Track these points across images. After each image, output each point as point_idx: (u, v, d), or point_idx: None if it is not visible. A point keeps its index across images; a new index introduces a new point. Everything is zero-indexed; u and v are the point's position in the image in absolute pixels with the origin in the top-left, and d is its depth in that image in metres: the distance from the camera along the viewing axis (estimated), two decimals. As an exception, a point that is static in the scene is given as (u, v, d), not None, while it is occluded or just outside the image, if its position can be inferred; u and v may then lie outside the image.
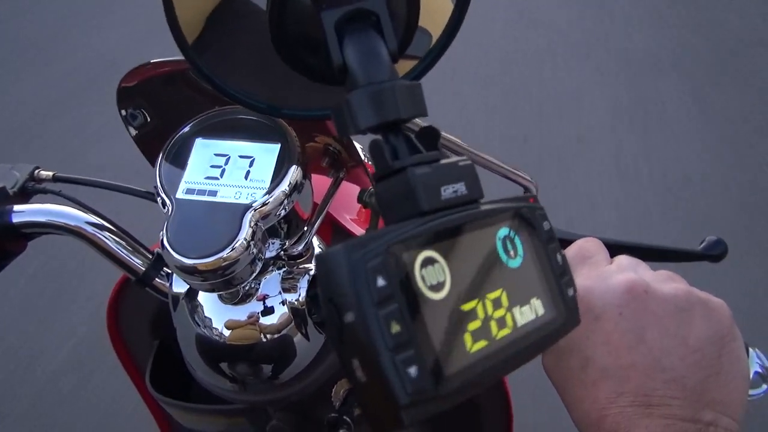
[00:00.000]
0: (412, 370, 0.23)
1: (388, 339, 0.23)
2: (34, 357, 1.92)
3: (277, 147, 0.51)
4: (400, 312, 0.23)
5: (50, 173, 0.58)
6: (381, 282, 0.23)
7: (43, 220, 0.54)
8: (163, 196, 0.49)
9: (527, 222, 0.30)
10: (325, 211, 0.58)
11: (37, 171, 0.57)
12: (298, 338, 0.55)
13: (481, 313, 0.26)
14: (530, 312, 0.28)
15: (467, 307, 0.26)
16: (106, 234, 0.56)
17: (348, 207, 0.72)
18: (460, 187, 0.28)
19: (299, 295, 0.54)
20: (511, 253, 0.29)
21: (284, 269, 0.55)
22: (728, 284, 1.82)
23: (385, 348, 0.23)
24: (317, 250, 0.59)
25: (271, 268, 0.55)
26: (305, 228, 0.57)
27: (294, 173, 0.50)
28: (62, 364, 1.90)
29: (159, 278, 0.57)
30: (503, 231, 0.29)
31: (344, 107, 0.28)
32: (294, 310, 0.54)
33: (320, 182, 0.61)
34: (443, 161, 0.28)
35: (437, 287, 0.25)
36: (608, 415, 0.36)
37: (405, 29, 0.31)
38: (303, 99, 0.36)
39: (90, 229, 0.55)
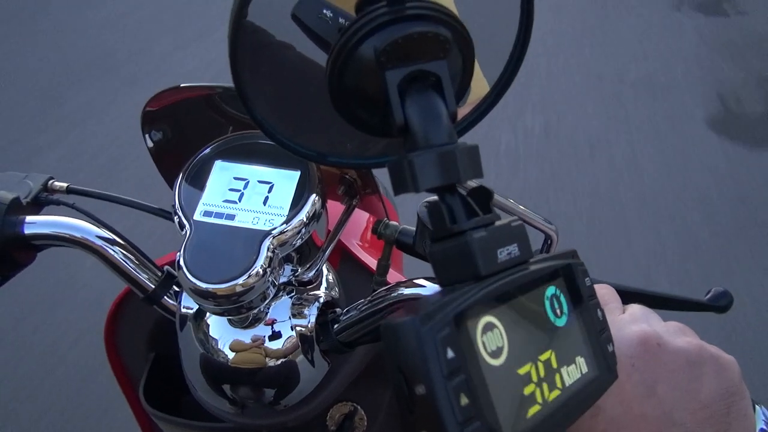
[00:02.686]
0: None
1: (458, 412, 0.23)
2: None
3: (297, 174, 0.52)
4: (467, 384, 0.24)
5: (64, 185, 0.58)
6: (450, 354, 0.24)
7: (54, 233, 0.54)
8: (181, 216, 0.49)
9: (571, 279, 0.31)
10: (336, 239, 0.59)
11: (50, 182, 0.57)
12: (302, 365, 0.55)
13: (534, 377, 0.27)
14: (576, 371, 0.29)
15: (523, 371, 0.26)
16: (117, 249, 0.55)
17: (354, 232, 0.73)
18: (514, 249, 0.28)
19: (308, 322, 0.54)
20: (558, 311, 0.29)
21: (294, 295, 0.55)
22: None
23: (455, 422, 0.23)
24: (326, 276, 0.60)
25: (281, 294, 0.55)
26: (317, 255, 0.57)
27: (313, 202, 0.50)
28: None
29: (167, 296, 0.57)
30: (550, 290, 0.29)
31: (405, 166, 0.28)
32: (302, 336, 0.54)
33: (330, 207, 0.62)
34: (497, 223, 0.29)
35: (497, 353, 0.26)
36: None
37: (458, 89, 0.31)
38: (348, 148, 0.36)
39: (100, 243, 0.55)
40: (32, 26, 4.00)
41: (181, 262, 0.47)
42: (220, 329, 0.54)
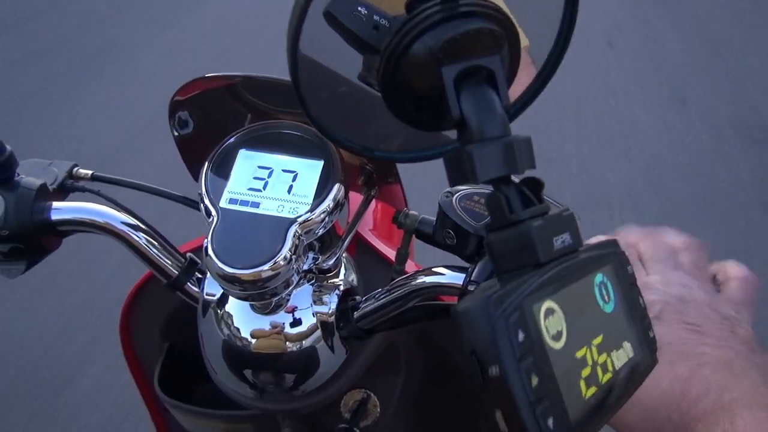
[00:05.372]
0: (550, 422, 0.25)
1: (530, 392, 0.24)
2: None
3: (321, 164, 0.53)
4: (537, 365, 0.25)
5: (88, 172, 0.59)
6: (521, 336, 0.25)
7: (80, 218, 0.55)
8: (208, 204, 0.50)
9: (615, 267, 0.32)
10: (355, 228, 0.60)
11: (75, 169, 0.58)
12: (323, 351, 0.56)
13: (589, 360, 0.28)
14: (624, 355, 0.31)
15: (580, 354, 0.28)
16: (141, 235, 0.56)
17: (367, 222, 0.74)
18: (567, 238, 0.30)
19: (329, 309, 0.56)
20: (606, 297, 0.31)
21: (314, 282, 0.57)
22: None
23: (526, 401, 0.24)
24: (345, 265, 0.61)
25: (302, 281, 0.56)
26: (338, 244, 0.58)
27: (337, 191, 0.51)
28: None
29: (189, 283, 0.58)
30: (599, 277, 0.31)
31: (464, 159, 0.29)
32: (323, 323, 0.55)
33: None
34: (551, 213, 0.30)
35: (557, 336, 0.27)
36: (693, 382, 0.38)
37: (507, 81, 0.33)
38: (394, 142, 0.38)
39: (125, 229, 0.56)
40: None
41: (209, 248, 0.48)
42: (242, 315, 0.55)
